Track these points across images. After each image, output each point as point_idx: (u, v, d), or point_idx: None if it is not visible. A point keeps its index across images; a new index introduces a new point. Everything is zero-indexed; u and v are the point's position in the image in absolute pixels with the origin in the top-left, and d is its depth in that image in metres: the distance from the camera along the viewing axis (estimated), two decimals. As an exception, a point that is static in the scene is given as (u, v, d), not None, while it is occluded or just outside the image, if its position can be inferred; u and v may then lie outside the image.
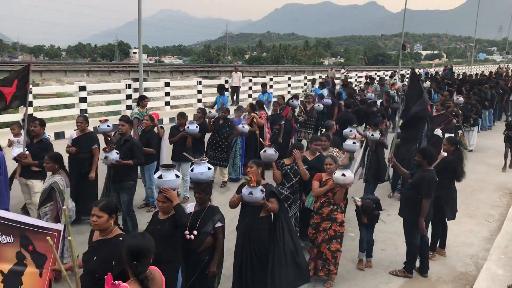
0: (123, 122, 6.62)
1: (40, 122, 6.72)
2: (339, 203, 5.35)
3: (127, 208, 6.29)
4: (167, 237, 3.99)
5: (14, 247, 3.32)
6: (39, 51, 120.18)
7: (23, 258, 3.33)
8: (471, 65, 55.30)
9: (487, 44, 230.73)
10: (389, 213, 7.87)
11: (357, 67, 67.18)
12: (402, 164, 8.31)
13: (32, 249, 3.34)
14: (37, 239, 3.35)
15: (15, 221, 3.37)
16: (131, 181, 6.33)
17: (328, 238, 5.29)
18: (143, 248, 2.85)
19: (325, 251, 5.31)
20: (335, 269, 5.38)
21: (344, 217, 5.49)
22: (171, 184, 4.14)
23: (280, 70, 51.92)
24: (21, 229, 3.35)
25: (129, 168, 6.30)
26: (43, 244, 3.34)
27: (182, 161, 7.75)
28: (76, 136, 6.97)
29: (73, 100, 14.94)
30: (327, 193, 5.33)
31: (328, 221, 5.32)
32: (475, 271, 5.87)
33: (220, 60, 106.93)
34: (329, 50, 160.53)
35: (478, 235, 7.08)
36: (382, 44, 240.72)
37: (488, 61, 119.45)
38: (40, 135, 6.71)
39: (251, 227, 4.66)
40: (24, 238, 3.34)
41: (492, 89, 16.78)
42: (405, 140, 7.68)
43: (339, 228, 5.32)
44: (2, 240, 3.32)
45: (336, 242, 5.31)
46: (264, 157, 5.77)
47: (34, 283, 3.29)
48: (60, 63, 46.55)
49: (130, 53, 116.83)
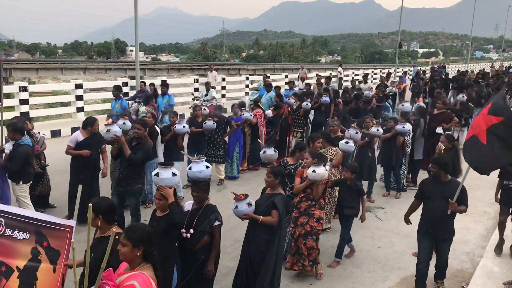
0: (140, 126, 6.41)
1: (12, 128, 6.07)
2: (317, 199, 5.31)
3: (135, 211, 6.25)
4: (164, 235, 3.99)
5: (30, 243, 3.37)
6: (35, 49, 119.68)
7: (38, 254, 3.37)
8: (467, 63, 55.50)
9: (484, 42, 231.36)
10: (385, 211, 7.90)
11: (354, 65, 67.20)
12: (389, 160, 8.45)
13: (47, 245, 3.39)
14: (51, 235, 3.41)
15: (30, 218, 3.42)
16: (140, 185, 6.22)
17: (304, 233, 5.29)
18: (152, 233, 3.09)
19: (301, 246, 5.30)
20: (309, 266, 5.33)
21: (322, 214, 5.42)
22: (168, 182, 4.14)
23: (277, 68, 51.84)
24: (36, 225, 3.41)
25: (137, 172, 6.15)
26: (56, 240, 3.40)
27: (174, 160, 7.77)
28: (84, 138, 6.68)
29: (69, 98, 14.92)
30: (306, 189, 5.33)
31: (305, 216, 5.32)
32: (471, 268, 5.90)
33: (217, 58, 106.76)
34: (326, 48, 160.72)
35: (474, 232, 7.11)
36: (379, 42, 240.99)
37: (484, 59, 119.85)
38: (15, 140, 6.09)
39: (249, 232, 4.74)
40: (39, 234, 3.39)
41: (489, 87, 16.82)
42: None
43: (316, 225, 5.28)
44: (19, 236, 3.37)
45: (311, 239, 5.27)
46: (264, 158, 5.77)
47: (48, 279, 3.35)
48: (56, 61, 46.21)
49: (127, 51, 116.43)
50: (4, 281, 3.26)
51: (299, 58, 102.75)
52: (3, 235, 3.35)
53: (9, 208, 3.58)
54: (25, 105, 12.96)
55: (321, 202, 5.42)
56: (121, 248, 2.95)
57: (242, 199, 4.53)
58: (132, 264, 2.97)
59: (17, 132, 5.98)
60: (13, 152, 5.96)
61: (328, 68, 43.95)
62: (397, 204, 8.28)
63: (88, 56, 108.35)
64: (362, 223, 6.12)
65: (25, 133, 6.15)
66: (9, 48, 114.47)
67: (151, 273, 2.92)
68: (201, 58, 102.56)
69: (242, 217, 4.59)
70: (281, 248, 4.73)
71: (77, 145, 6.63)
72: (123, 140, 6.04)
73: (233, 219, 4.93)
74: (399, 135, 8.32)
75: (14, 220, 3.39)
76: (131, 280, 2.79)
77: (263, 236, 4.60)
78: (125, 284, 2.78)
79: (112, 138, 5.99)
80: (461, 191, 4.88)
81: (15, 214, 3.42)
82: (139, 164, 6.15)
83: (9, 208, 3.63)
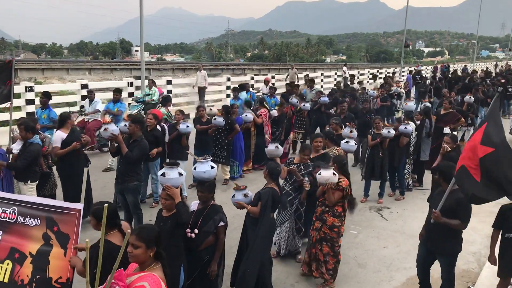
0: (130, 122, 6.48)
1: (25, 127, 6.05)
2: (330, 205, 5.23)
3: (134, 208, 6.28)
4: (170, 235, 3.99)
5: (41, 228, 3.50)
6: (41, 49, 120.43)
7: (49, 238, 3.48)
8: (473, 62, 55.20)
9: (490, 41, 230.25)
10: (391, 211, 7.88)
11: (360, 64, 67.08)
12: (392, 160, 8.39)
13: (57, 230, 3.48)
14: (60, 220, 3.49)
15: (40, 204, 3.55)
16: (135, 182, 6.24)
17: (319, 238, 5.26)
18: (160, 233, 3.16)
19: (318, 252, 5.27)
20: (327, 273, 5.21)
21: (336, 222, 5.21)
22: (174, 182, 4.14)
23: (282, 67, 51.80)
24: (47, 211, 3.52)
25: (133, 169, 6.21)
26: (66, 225, 3.48)
27: (178, 159, 7.77)
28: (67, 135, 6.59)
29: (75, 98, 14.97)
30: (324, 194, 5.31)
31: (319, 221, 5.29)
32: (478, 269, 5.87)
33: (222, 57, 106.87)
34: (331, 47, 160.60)
35: (480, 232, 7.07)
36: (384, 41, 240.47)
37: (490, 58, 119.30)
38: (26, 139, 6.09)
39: (244, 222, 4.95)
40: (49, 220, 3.50)
41: (494, 86, 16.73)
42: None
43: (329, 232, 5.19)
44: (30, 223, 3.52)
45: (326, 245, 5.21)
46: (269, 153, 5.79)
47: (59, 263, 3.44)
48: (62, 61, 46.48)
49: (132, 51, 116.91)
50: (18, 267, 3.44)
51: (304, 57, 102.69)
52: (15, 223, 3.55)
53: (20, 197, 3.79)
54: (31, 105, 13.02)
55: (337, 209, 5.23)
56: (132, 250, 2.93)
57: (242, 189, 4.75)
58: (143, 265, 2.96)
59: (30, 131, 6.04)
60: (24, 150, 6.00)
61: (333, 68, 43.82)
62: (403, 204, 8.25)
63: (94, 56, 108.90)
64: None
65: (36, 133, 6.21)
66: (15, 48, 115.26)
67: (161, 273, 2.94)
68: (206, 58, 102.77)
69: (237, 207, 4.84)
70: (263, 237, 4.70)
71: (63, 143, 6.51)
72: (121, 138, 6.12)
73: (238, 219, 4.96)
74: (402, 136, 8.28)
75: (26, 207, 3.56)
76: (142, 281, 2.80)
77: (250, 226, 4.81)
78: (135, 285, 2.79)
79: (109, 137, 6.10)
80: (459, 204, 4.36)
81: (27, 202, 3.59)
82: (135, 161, 6.22)
83: (20, 196, 3.85)
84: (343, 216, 5.29)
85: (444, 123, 9.64)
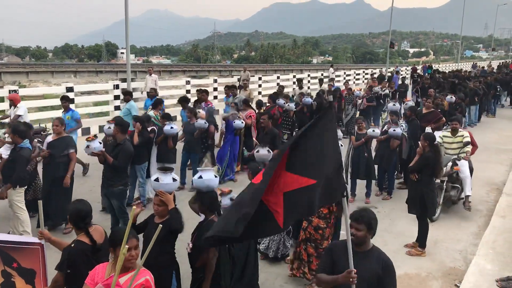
0: (114, 124, 6.48)
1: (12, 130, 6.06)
2: None
3: (120, 212, 6.22)
4: (162, 241, 3.75)
5: None
6: (25, 52, 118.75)
7: (10, 276, 3.29)
8: (457, 62, 55.89)
9: (473, 41, 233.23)
10: (378, 211, 7.92)
11: (346, 65, 67.41)
12: (381, 160, 8.43)
13: (17, 266, 3.30)
14: (20, 255, 3.30)
15: None
16: (120, 186, 6.16)
17: (305, 238, 5.26)
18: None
19: (302, 251, 5.27)
20: (309, 273, 5.17)
21: (322, 224, 5.19)
22: (167, 187, 4.08)
23: (269, 69, 51.90)
24: (0, 247, 3.30)
25: (118, 174, 6.14)
26: (27, 260, 3.29)
27: (165, 162, 7.73)
28: (52, 140, 6.69)
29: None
30: None
31: (306, 221, 5.29)
32: (464, 266, 5.93)
33: (208, 59, 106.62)
34: (317, 48, 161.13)
35: (466, 230, 7.15)
36: (370, 42, 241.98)
37: (474, 58, 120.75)
38: (16, 142, 6.05)
39: None
40: (5, 256, 3.29)
41: (481, 84, 17.02)
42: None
43: (314, 233, 5.20)
44: None
45: (311, 246, 5.21)
46: (258, 157, 5.76)
47: None
48: (46, 64, 45.97)
49: (118, 53, 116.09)
50: None
51: (291, 59, 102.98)
52: None
53: None
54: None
55: (323, 211, 5.19)
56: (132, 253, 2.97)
57: (227, 193, 4.64)
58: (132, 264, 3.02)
59: (17, 134, 5.93)
60: (16, 155, 5.92)
61: (320, 69, 43.99)
62: (390, 203, 8.31)
63: (79, 59, 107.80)
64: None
65: (25, 137, 6.09)
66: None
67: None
68: (193, 60, 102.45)
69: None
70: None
71: (46, 147, 6.72)
72: (104, 154, 6.07)
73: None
74: (392, 138, 8.32)
75: None
76: (143, 276, 2.88)
77: None
78: (138, 281, 2.83)
79: (91, 155, 6.10)
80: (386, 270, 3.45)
81: None
82: (122, 169, 6.21)
83: None
84: (328, 218, 5.24)
85: (426, 122, 9.73)
